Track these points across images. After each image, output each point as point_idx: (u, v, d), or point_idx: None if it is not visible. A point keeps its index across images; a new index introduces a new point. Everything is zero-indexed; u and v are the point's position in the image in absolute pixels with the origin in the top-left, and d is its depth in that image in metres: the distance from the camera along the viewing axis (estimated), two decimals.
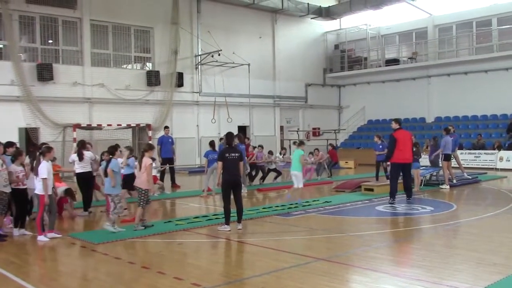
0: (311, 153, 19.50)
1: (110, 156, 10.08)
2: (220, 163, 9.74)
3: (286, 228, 10.01)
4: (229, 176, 9.70)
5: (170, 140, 18.02)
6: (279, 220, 10.85)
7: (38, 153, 9.53)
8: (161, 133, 19.91)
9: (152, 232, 9.50)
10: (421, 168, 16.20)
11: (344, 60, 32.27)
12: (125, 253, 8.26)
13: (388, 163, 14.20)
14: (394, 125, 12.99)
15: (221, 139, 17.63)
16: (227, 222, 9.67)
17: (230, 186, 9.73)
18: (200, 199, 14.64)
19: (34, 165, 9.34)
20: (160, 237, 9.23)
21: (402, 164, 12.71)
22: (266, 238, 9.20)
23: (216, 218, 10.68)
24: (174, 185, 17.46)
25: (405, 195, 13.13)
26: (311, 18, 31.19)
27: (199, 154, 25.75)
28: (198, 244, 8.91)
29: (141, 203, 9.74)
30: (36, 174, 9.14)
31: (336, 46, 33.20)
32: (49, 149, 9.60)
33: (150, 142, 19.67)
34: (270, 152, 18.72)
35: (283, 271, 6.84)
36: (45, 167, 9.16)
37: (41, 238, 9.06)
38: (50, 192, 9.25)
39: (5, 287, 6.56)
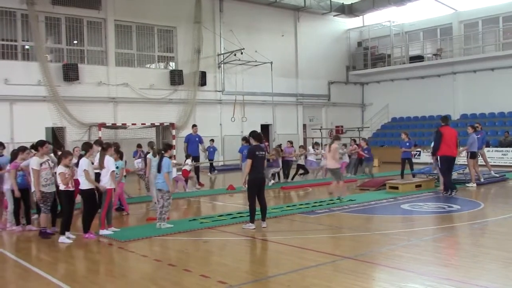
0: (344, 144, 19.59)
1: (162, 152, 10.23)
2: (250, 161, 9.67)
3: (311, 226, 9.98)
4: (257, 174, 9.72)
5: (197, 138, 18.07)
6: (303, 218, 10.83)
7: (101, 148, 9.66)
8: (186, 131, 20.04)
9: (177, 230, 9.57)
10: None
11: (367, 58, 32.03)
12: (151, 250, 8.34)
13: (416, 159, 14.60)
14: (441, 123, 13.71)
15: (243, 138, 17.66)
16: (252, 220, 9.69)
17: (257, 185, 9.74)
18: (224, 196, 14.73)
19: (99, 160, 9.43)
20: (185, 235, 9.30)
21: (450, 157, 13.32)
22: (291, 236, 9.20)
23: (241, 216, 10.71)
24: (198, 183, 17.55)
25: (429, 193, 12.99)
26: (334, 16, 31.05)
27: (222, 152, 25.86)
28: (223, 242, 8.95)
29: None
30: (103, 167, 9.26)
31: (359, 44, 32.97)
32: (110, 144, 9.81)
33: (166, 141, 19.80)
34: (302, 147, 18.77)
35: (309, 270, 6.83)
36: (110, 161, 9.34)
37: (103, 232, 9.31)
38: (115, 186, 9.43)
39: (36, 283, 6.70)
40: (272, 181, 16.70)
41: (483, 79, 27.10)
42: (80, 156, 9.46)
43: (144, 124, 22.49)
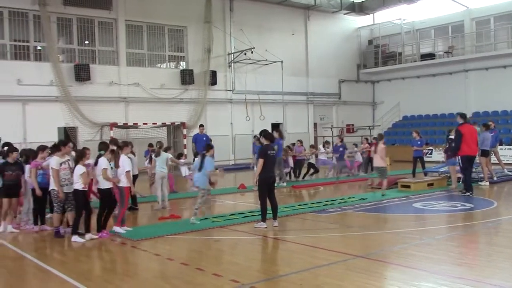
0: (355, 144, 19.62)
1: (204, 152, 10.59)
2: (261, 161, 9.70)
3: (322, 225, 9.98)
4: (268, 173, 9.73)
5: (204, 138, 18.16)
6: (315, 217, 10.83)
7: (116, 148, 9.74)
8: (196, 131, 20.10)
9: (189, 229, 9.61)
10: (458, 164, 15.85)
11: (378, 56, 31.89)
12: (164, 249, 8.38)
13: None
14: (459, 120, 13.48)
15: (254, 136, 17.70)
16: (264, 219, 9.70)
17: (268, 184, 9.75)
18: (235, 195, 14.77)
19: (114, 159, 9.52)
20: (197, 234, 9.34)
21: (471, 156, 13.30)
22: (302, 235, 9.19)
23: (252, 215, 10.73)
24: (209, 182, 17.57)
25: (441, 191, 12.92)
26: (344, 14, 30.95)
27: (233, 152, 25.91)
28: (235, 241, 8.98)
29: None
30: (118, 167, 9.34)
31: (370, 42, 32.83)
32: (127, 143, 9.90)
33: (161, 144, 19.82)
34: (313, 146, 18.81)
35: (321, 268, 6.83)
36: (126, 160, 9.42)
37: (116, 229, 9.44)
38: (130, 185, 9.53)
39: (49, 282, 6.77)
40: (285, 183, 16.66)
41: (495, 76, 26.87)
42: (99, 156, 9.57)
43: (155, 123, 22.59)
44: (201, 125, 19.19)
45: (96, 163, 9.44)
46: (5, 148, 10.41)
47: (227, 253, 8.19)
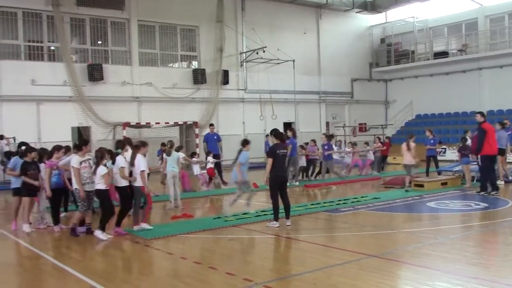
0: (366, 143, 19.56)
1: (241, 148, 11.22)
2: (270, 160, 9.70)
3: (335, 225, 9.94)
4: (279, 172, 9.72)
5: (215, 137, 18.21)
6: (328, 216, 10.79)
7: (134, 147, 9.79)
8: (208, 130, 20.12)
9: (202, 228, 9.63)
10: (472, 163, 15.71)
11: (390, 54, 31.72)
12: (177, 248, 8.40)
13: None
14: (480, 118, 13.13)
15: (267, 135, 17.71)
16: (276, 218, 9.69)
17: (279, 183, 9.74)
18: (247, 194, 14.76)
19: (130, 158, 9.57)
20: (210, 233, 9.35)
21: (492, 156, 13.07)
22: (315, 234, 9.17)
23: (265, 215, 10.72)
24: (222, 181, 17.62)
25: (455, 190, 12.81)
26: (356, 12, 30.84)
27: None
28: (248, 240, 8.98)
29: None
30: (133, 166, 9.39)
31: (382, 40, 32.67)
32: (144, 143, 9.93)
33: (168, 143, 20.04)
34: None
35: (334, 268, 6.81)
36: (142, 160, 9.48)
37: (139, 227, 9.49)
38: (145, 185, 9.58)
39: (65, 281, 6.82)
40: (297, 183, 16.63)
41: (509, 74, 26.58)
42: (116, 154, 9.59)
43: (168, 123, 22.67)
44: (211, 124, 19.26)
45: (113, 162, 9.53)
46: (23, 148, 10.44)
47: (240, 252, 8.20)
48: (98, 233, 9.07)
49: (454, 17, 29.51)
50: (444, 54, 29.41)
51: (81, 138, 18.59)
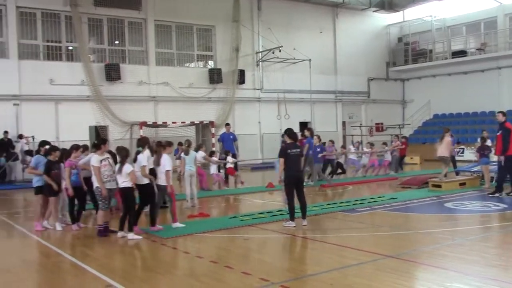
0: (384, 143, 19.45)
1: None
2: (282, 160, 9.71)
3: (352, 225, 9.89)
4: (292, 172, 9.69)
5: (231, 136, 18.24)
6: (344, 216, 10.74)
7: (160, 146, 9.94)
8: (223, 130, 20.17)
9: (218, 227, 9.65)
10: (492, 163, 15.50)
11: (408, 53, 31.48)
12: (193, 247, 8.44)
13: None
14: (501, 118, 12.78)
15: (282, 135, 17.58)
16: (292, 218, 9.67)
17: (293, 182, 9.72)
18: (264, 194, 14.78)
19: (155, 157, 9.73)
20: (226, 232, 9.36)
21: None
22: (331, 234, 9.13)
23: (281, 214, 10.71)
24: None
25: (474, 191, 12.65)
26: (373, 11, 30.66)
27: (261, 151, 25.91)
28: (264, 240, 8.97)
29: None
30: (159, 165, 9.56)
31: (400, 39, 32.44)
32: (170, 143, 10.07)
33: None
34: (343, 147, 18.75)
35: (351, 268, 6.77)
36: (168, 160, 9.61)
37: (176, 225, 9.67)
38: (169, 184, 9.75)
39: (82, 278, 6.89)
40: (311, 182, 16.55)
41: None
42: (138, 152, 9.70)
43: (184, 122, 22.76)
44: (227, 124, 19.28)
45: (135, 160, 9.61)
46: (47, 146, 10.50)
47: (256, 251, 8.20)
48: (131, 236, 8.99)
49: (473, 15, 29.16)
50: (462, 53, 29.10)
51: (99, 137, 18.75)
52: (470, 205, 11.79)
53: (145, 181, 9.41)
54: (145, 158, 9.47)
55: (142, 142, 9.89)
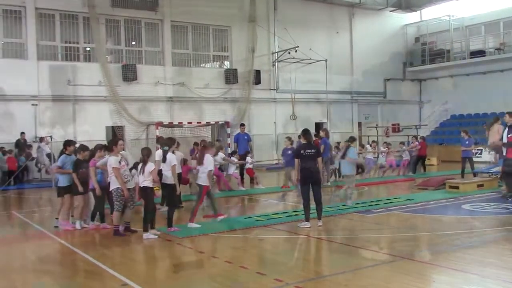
0: (402, 142, 19.53)
1: (349, 143, 12.21)
2: (297, 160, 9.73)
3: (368, 226, 9.82)
4: (306, 172, 9.66)
5: (246, 137, 18.27)
6: (360, 217, 10.67)
7: (202, 147, 10.19)
8: (238, 130, 20.20)
9: (233, 228, 9.66)
10: None
11: (425, 53, 31.16)
12: (208, 247, 8.46)
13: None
14: (509, 119, 12.44)
15: (299, 136, 17.55)
16: (307, 218, 9.64)
17: (308, 183, 9.69)
18: (279, 194, 14.77)
19: (198, 157, 10.01)
20: (241, 233, 9.36)
21: None
22: (347, 235, 9.08)
23: (296, 215, 10.68)
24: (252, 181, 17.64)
25: (492, 193, 12.48)
26: (390, 11, 30.43)
27: (277, 151, 25.86)
28: (278, 240, 8.96)
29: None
30: (201, 165, 9.81)
31: (417, 39, 32.14)
32: (212, 144, 10.41)
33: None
34: (361, 145, 18.65)
35: (366, 269, 6.74)
36: (210, 160, 9.80)
37: (191, 225, 9.70)
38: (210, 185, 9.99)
39: (100, 276, 6.95)
40: (329, 182, 16.49)
41: None
42: (165, 152, 9.75)
43: (200, 122, 22.83)
44: (242, 124, 19.32)
45: (164, 159, 9.59)
46: (77, 145, 10.52)
47: (271, 252, 8.18)
48: (146, 236, 8.97)
49: (492, 15, 28.75)
50: (481, 53, 28.72)
51: (112, 138, 18.87)
52: (488, 207, 11.62)
53: (171, 181, 9.48)
54: (178, 158, 9.58)
55: (170, 142, 9.94)
